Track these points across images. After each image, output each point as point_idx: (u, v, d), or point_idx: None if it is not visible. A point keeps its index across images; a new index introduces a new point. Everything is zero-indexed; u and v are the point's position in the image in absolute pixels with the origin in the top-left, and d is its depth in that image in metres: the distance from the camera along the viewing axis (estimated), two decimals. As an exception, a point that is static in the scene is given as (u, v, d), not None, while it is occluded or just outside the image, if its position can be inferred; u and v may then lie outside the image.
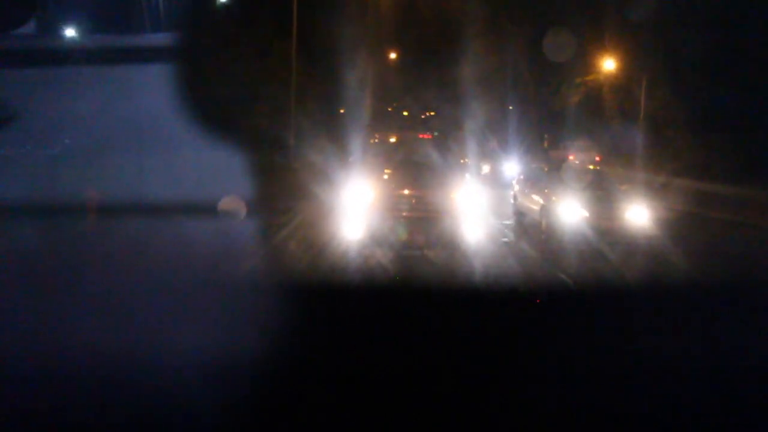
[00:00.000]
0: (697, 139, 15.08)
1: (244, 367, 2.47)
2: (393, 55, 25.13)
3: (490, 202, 12.47)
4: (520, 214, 11.17)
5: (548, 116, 24.01)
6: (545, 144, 24.52)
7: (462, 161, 12.79)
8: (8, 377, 2.24)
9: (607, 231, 8.37)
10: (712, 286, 4.85)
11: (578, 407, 2.19)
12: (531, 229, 9.98)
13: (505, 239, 9.47)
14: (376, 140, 17.53)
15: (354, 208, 8.32)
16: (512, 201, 11.89)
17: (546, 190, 10.14)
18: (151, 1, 11.58)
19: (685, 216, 11.88)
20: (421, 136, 19.39)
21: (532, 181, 11.15)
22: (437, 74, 22.55)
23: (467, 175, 10.66)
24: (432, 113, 28.24)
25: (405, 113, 30.55)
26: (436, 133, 19.77)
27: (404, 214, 8.37)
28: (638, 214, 9.09)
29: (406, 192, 8.74)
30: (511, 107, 25.41)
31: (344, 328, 2.98)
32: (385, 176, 9.38)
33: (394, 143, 15.89)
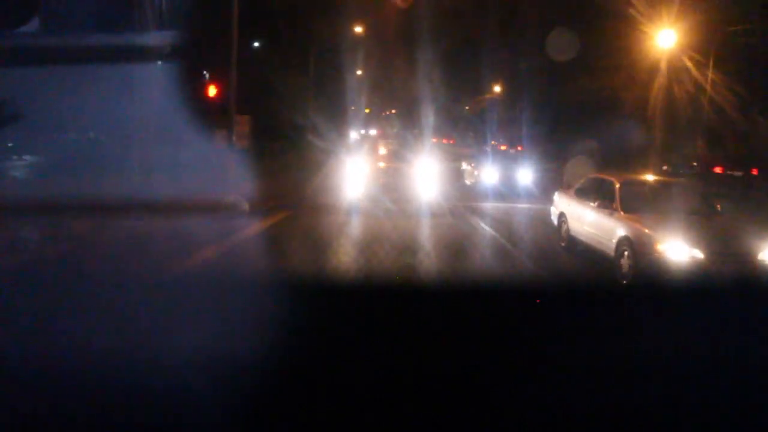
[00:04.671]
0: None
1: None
2: (359, 72, 31.52)
3: (502, 216, 12.41)
4: (570, 241, 8.51)
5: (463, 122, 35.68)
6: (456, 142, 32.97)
7: (418, 148, 19.45)
8: (8, 376, 2.22)
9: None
10: None
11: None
12: (603, 270, 7.30)
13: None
14: (365, 134, 26.65)
15: (354, 173, 13.10)
16: (556, 221, 9.22)
17: (628, 217, 7.08)
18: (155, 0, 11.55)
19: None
20: (382, 132, 29.61)
21: (597, 200, 7.95)
22: (394, 81, 31.21)
23: (421, 157, 15.80)
24: (393, 111, 37.35)
25: (367, 111, 37.53)
26: (395, 131, 28.45)
27: (382, 181, 13.02)
28: None
29: (383, 165, 14.53)
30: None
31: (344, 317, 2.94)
32: (373, 156, 15.09)
33: (375, 136, 23.53)
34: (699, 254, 6.03)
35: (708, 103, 18.49)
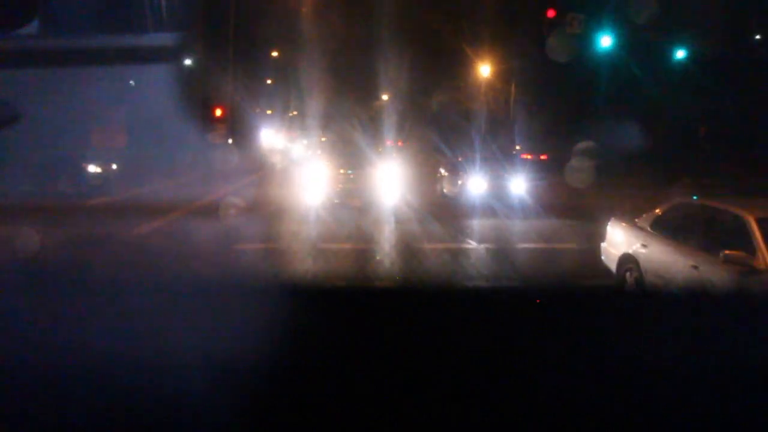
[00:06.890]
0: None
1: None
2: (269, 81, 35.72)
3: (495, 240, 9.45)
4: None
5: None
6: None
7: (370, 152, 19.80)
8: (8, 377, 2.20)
9: None
10: None
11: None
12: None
13: None
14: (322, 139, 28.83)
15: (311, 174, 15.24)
16: (614, 269, 6.08)
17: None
18: (153, 1, 11.53)
19: None
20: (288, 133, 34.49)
21: (715, 246, 4.80)
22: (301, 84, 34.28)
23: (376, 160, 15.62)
24: (294, 113, 39.66)
25: (269, 112, 39.09)
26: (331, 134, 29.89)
27: (340, 185, 13.82)
28: None
29: (341, 170, 14.48)
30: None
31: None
32: (328, 161, 15.70)
33: (326, 141, 24.99)
34: None
35: (512, 109, 27.98)
